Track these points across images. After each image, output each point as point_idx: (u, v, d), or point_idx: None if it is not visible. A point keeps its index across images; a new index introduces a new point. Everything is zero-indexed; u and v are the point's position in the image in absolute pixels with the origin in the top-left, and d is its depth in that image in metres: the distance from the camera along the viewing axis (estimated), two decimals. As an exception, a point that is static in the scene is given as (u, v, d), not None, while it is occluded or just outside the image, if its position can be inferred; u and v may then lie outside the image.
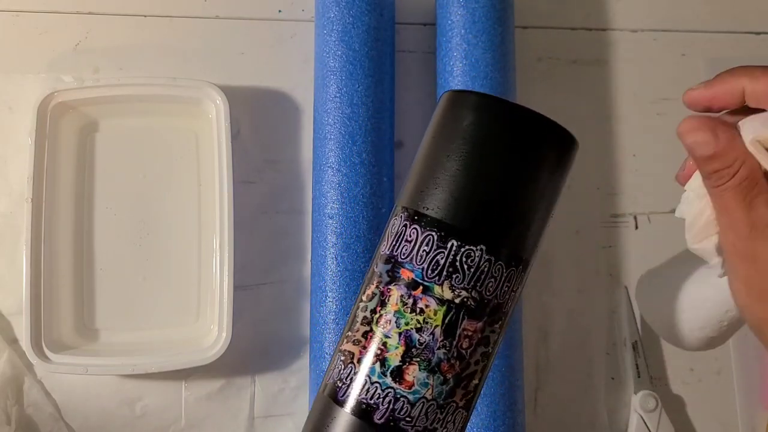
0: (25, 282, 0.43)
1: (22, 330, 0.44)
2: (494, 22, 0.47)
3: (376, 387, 0.27)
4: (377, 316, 0.28)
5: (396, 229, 0.28)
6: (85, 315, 0.47)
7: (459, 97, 0.29)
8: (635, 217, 0.53)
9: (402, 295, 0.27)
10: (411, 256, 0.28)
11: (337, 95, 0.46)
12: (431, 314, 0.27)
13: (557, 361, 0.50)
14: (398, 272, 0.28)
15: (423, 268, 0.27)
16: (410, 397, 0.27)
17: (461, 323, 0.27)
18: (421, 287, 0.27)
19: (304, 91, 0.51)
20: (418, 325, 0.27)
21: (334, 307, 0.44)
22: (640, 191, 0.53)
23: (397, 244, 0.28)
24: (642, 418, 0.48)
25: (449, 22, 0.48)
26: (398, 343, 0.27)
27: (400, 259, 0.28)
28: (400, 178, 0.50)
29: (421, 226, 0.28)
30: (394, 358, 0.27)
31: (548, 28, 0.55)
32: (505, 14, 0.48)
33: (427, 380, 0.27)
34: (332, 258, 0.44)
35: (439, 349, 0.27)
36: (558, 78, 0.54)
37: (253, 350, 0.48)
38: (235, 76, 0.51)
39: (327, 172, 0.45)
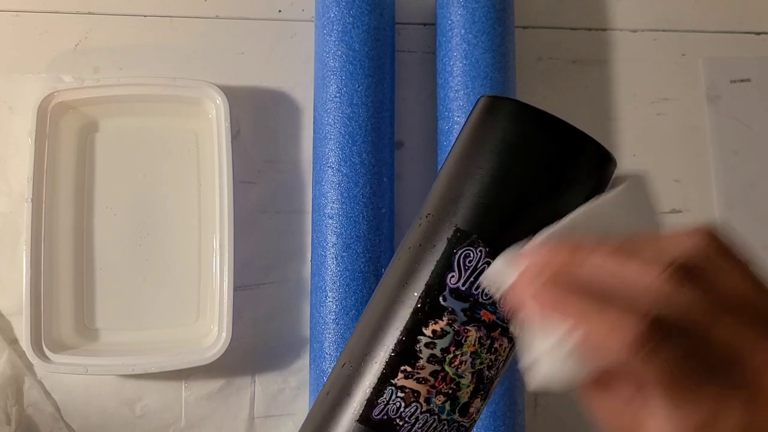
0: (25, 282, 0.43)
1: (22, 330, 0.44)
2: (494, 22, 0.47)
3: (444, 424, 0.27)
4: (450, 356, 0.26)
5: (474, 263, 0.26)
6: (85, 315, 0.47)
7: (546, 122, 0.27)
8: (635, 217, 0.53)
9: (481, 337, 0.27)
10: (494, 298, 0.26)
11: (337, 95, 0.46)
12: (502, 352, 0.27)
13: (557, 361, 0.50)
14: (478, 314, 0.26)
15: (504, 310, 0.26)
16: (468, 425, 0.27)
17: (513, 352, 0.28)
18: (500, 329, 0.27)
19: (304, 91, 0.51)
20: (490, 363, 0.27)
21: (334, 307, 0.44)
22: (640, 191, 0.53)
23: (475, 280, 0.26)
24: (642, 418, 0.48)
25: (449, 22, 0.48)
26: (470, 382, 0.27)
27: (481, 300, 0.26)
28: (400, 178, 0.50)
29: None
30: (464, 396, 0.27)
31: (548, 28, 0.55)
32: (505, 14, 0.48)
33: (481, 407, 0.28)
34: (332, 258, 0.44)
35: (496, 378, 0.28)
36: (558, 78, 0.54)
37: (253, 350, 0.48)
38: (235, 76, 0.51)
39: (327, 172, 0.45)
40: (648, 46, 0.55)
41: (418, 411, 0.26)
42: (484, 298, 0.26)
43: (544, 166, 0.27)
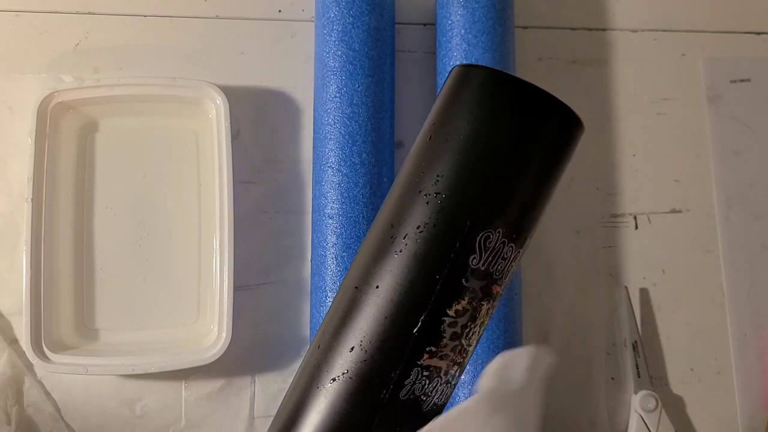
0: (25, 282, 0.43)
1: (22, 330, 0.44)
2: (494, 22, 0.47)
3: (452, 387, 0.29)
4: (467, 330, 0.28)
5: (494, 244, 0.27)
6: (85, 315, 0.47)
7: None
8: (635, 217, 0.53)
9: (489, 308, 0.28)
10: (503, 272, 0.28)
11: (337, 95, 0.46)
12: (493, 313, 0.29)
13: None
14: (491, 289, 0.28)
15: (506, 281, 0.29)
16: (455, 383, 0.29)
17: None
18: (500, 296, 0.29)
19: (304, 91, 0.51)
20: (486, 326, 0.29)
21: (334, 307, 0.44)
22: (640, 191, 0.53)
23: (494, 261, 0.28)
24: (642, 418, 0.48)
25: (449, 22, 0.48)
26: (474, 347, 0.29)
27: (494, 277, 0.28)
28: (400, 178, 0.50)
29: (516, 245, 0.28)
30: (468, 360, 0.29)
31: (548, 28, 0.55)
32: (505, 14, 0.48)
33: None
34: (332, 258, 0.44)
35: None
36: (558, 78, 0.54)
37: (253, 350, 0.48)
38: (235, 76, 0.51)
39: (327, 172, 0.45)
40: (648, 46, 0.55)
41: (439, 384, 0.28)
42: (497, 274, 0.28)
43: (529, 136, 0.28)
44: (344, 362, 0.28)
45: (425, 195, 0.28)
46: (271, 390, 0.48)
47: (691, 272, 0.52)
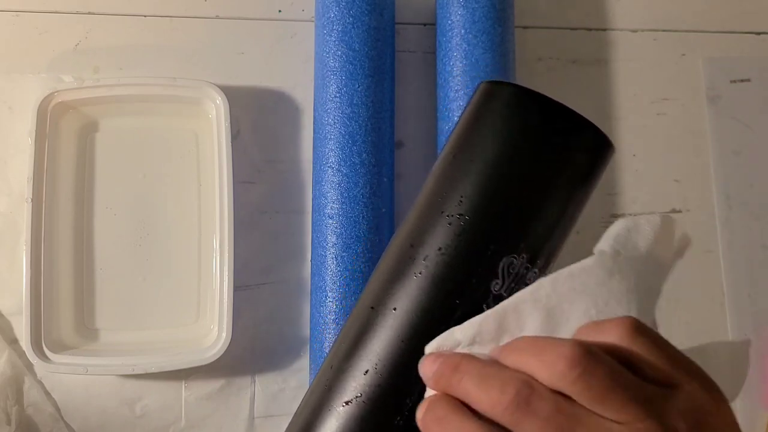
0: (25, 282, 0.43)
1: (22, 330, 0.44)
2: (494, 22, 0.47)
3: None
4: None
5: (516, 270, 0.27)
6: (85, 315, 0.47)
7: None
8: (635, 217, 0.53)
9: None
10: None
11: (337, 95, 0.46)
12: None
13: (557, 361, 0.50)
14: None
15: None
16: None
17: None
18: None
19: (304, 91, 0.51)
20: None
21: (334, 307, 0.44)
22: (640, 191, 0.53)
23: (516, 288, 0.26)
24: (642, 418, 0.48)
25: (449, 22, 0.48)
26: None
27: None
28: (400, 178, 0.50)
29: (540, 270, 0.27)
30: None
31: (548, 28, 0.55)
32: (505, 14, 0.48)
33: None
34: (332, 258, 0.44)
35: None
36: (558, 78, 0.54)
37: (253, 350, 0.48)
38: (235, 76, 0.51)
39: (327, 172, 0.45)
40: (648, 46, 0.55)
41: None
42: None
43: (558, 158, 0.27)
44: (357, 385, 0.27)
45: (447, 216, 0.27)
46: (271, 390, 0.48)
47: (691, 272, 0.52)
